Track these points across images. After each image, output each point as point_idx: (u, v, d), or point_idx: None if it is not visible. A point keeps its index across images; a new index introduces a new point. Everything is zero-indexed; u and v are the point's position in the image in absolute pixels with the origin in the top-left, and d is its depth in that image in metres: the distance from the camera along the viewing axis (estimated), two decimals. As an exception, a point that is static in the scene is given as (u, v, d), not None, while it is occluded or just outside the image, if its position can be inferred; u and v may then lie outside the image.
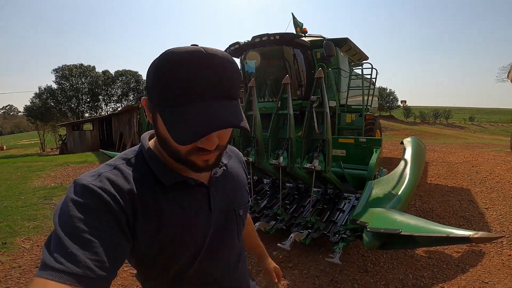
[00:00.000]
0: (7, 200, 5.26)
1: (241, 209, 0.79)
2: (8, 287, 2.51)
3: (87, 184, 0.55)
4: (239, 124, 0.55)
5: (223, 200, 0.74)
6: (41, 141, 25.00)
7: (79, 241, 0.50)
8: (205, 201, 0.70)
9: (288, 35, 5.71)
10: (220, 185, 0.74)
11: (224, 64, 0.54)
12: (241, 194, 0.81)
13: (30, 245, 3.29)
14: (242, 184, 0.82)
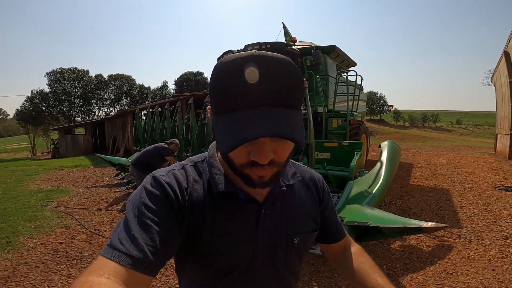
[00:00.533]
0: (6, 203, 5.39)
1: (297, 237, 0.68)
2: (18, 282, 2.66)
3: (158, 177, 0.61)
4: (287, 135, 0.48)
5: (277, 223, 0.67)
6: (32, 145, 24.74)
7: (141, 225, 0.53)
8: (253, 219, 0.65)
9: (278, 44, 6.06)
10: (277, 206, 0.67)
11: (279, 68, 0.49)
12: (303, 221, 0.70)
13: (34, 244, 3.47)
14: (308, 211, 0.72)
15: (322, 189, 0.77)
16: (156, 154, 4.38)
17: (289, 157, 0.57)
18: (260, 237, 0.65)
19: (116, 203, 5.19)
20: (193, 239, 0.61)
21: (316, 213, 0.74)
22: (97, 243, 3.46)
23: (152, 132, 6.08)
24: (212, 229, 0.62)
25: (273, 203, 0.67)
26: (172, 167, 0.66)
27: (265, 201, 0.66)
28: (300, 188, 0.73)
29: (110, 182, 7.09)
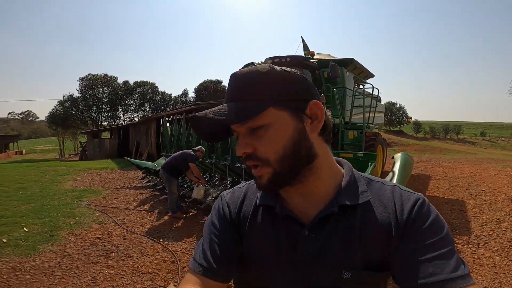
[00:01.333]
0: (44, 200, 5.92)
1: (349, 272, 0.57)
2: (64, 272, 2.95)
3: (221, 195, 0.70)
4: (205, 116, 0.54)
5: (324, 250, 0.58)
6: (61, 147, 26.20)
7: (208, 239, 0.63)
8: (292, 239, 0.60)
9: (297, 57, 6.40)
10: (327, 230, 0.58)
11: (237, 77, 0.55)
12: (363, 253, 0.57)
13: (75, 238, 3.85)
14: (375, 241, 0.57)
15: (410, 214, 0.56)
16: (183, 160, 4.75)
17: (285, 156, 0.54)
18: (300, 261, 0.59)
19: (144, 203, 5.62)
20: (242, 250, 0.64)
21: (390, 245, 0.56)
22: (130, 239, 3.83)
23: (179, 139, 6.52)
24: (247, 241, 0.63)
25: (321, 226, 0.58)
26: (238, 185, 0.72)
27: (311, 222, 0.58)
28: (370, 212, 0.58)
29: (136, 184, 7.59)
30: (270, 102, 0.53)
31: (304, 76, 0.57)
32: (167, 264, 3.10)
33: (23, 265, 2.97)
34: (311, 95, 0.57)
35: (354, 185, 0.60)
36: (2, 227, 4.11)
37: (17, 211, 5.01)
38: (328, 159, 0.60)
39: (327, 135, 0.60)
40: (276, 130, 0.54)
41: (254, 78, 0.54)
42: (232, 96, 0.55)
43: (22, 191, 6.81)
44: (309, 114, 0.56)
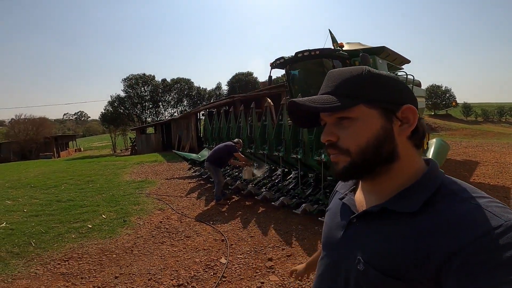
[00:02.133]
0: (112, 190, 6.90)
1: (364, 266, 0.58)
2: (139, 250, 3.56)
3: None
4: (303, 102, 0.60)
5: (359, 239, 0.62)
6: (113, 143, 28.90)
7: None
8: (344, 223, 0.67)
9: (326, 50, 6.55)
10: (371, 224, 0.61)
11: (334, 75, 0.62)
12: (383, 255, 0.57)
13: (143, 222, 4.59)
14: (399, 250, 0.55)
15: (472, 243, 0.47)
16: (226, 152, 5.33)
17: (366, 150, 0.57)
18: (341, 244, 0.66)
19: (193, 191, 6.36)
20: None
21: (413, 264, 0.53)
22: (185, 222, 4.53)
23: (220, 132, 7.15)
24: (327, 216, 0.78)
25: (366, 218, 0.62)
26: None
27: (358, 214, 0.64)
28: (412, 223, 0.55)
29: (184, 174, 8.44)
30: (362, 99, 0.58)
31: (402, 81, 0.62)
32: (217, 242, 3.71)
33: (108, 246, 3.70)
34: (405, 99, 0.60)
35: (416, 192, 0.57)
36: (85, 215, 5.02)
37: (93, 201, 6.00)
38: (410, 164, 0.61)
39: (417, 140, 0.61)
40: (362, 124, 0.58)
41: (350, 76, 0.60)
42: (328, 89, 0.61)
43: (92, 183, 7.96)
44: (400, 117, 0.58)
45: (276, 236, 3.78)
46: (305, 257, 3.21)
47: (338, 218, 0.71)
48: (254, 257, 3.26)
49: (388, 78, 0.60)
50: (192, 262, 3.19)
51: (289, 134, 4.84)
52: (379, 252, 0.58)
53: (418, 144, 0.61)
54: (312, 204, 4.26)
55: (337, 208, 0.73)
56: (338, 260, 0.66)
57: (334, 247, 0.69)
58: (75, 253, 3.54)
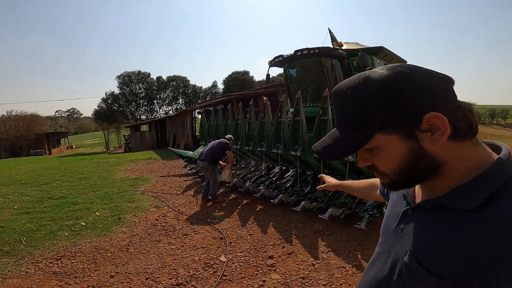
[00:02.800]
0: (106, 188, 6.75)
1: (409, 259, 0.58)
2: (136, 249, 3.45)
3: None
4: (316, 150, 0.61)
5: (411, 230, 0.61)
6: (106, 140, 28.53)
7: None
8: (399, 215, 0.68)
9: (326, 48, 6.53)
10: (423, 216, 0.61)
11: (338, 96, 0.58)
12: (433, 252, 0.55)
13: (138, 220, 4.47)
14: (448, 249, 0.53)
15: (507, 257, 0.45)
16: (221, 149, 5.24)
17: (404, 166, 0.55)
18: (394, 234, 0.66)
19: (189, 189, 6.27)
20: None
21: (459, 264, 0.51)
22: (183, 220, 4.43)
23: (217, 129, 7.07)
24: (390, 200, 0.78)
25: (420, 211, 0.61)
26: None
27: (413, 205, 0.64)
28: (467, 221, 0.52)
29: (179, 172, 8.33)
30: (377, 127, 0.53)
31: (412, 81, 0.52)
32: (216, 240, 3.63)
33: (103, 244, 3.58)
34: (425, 105, 0.51)
35: (476, 188, 0.53)
36: (78, 212, 4.88)
37: (86, 198, 5.85)
38: (462, 162, 0.55)
39: (463, 134, 0.54)
40: (387, 153, 0.55)
41: (356, 97, 0.55)
42: (339, 122, 0.59)
43: (84, 181, 7.79)
44: (426, 129, 0.52)
45: (275, 234, 3.72)
46: (307, 255, 3.15)
47: (396, 207, 0.71)
48: (255, 255, 3.19)
49: (394, 85, 0.52)
50: (191, 261, 3.10)
51: (288, 132, 4.79)
52: (427, 247, 0.56)
53: (468, 134, 0.54)
54: (311, 201, 4.21)
55: (397, 198, 0.73)
56: (389, 249, 0.67)
57: (388, 236, 0.69)
58: (68, 251, 3.42)
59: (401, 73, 0.52)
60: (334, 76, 6.73)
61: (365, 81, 0.54)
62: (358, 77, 0.56)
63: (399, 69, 0.53)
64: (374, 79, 0.53)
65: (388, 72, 0.53)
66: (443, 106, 0.52)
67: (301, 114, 4.58)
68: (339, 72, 6.74)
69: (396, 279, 0.62)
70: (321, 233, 3.66)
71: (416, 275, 0.56)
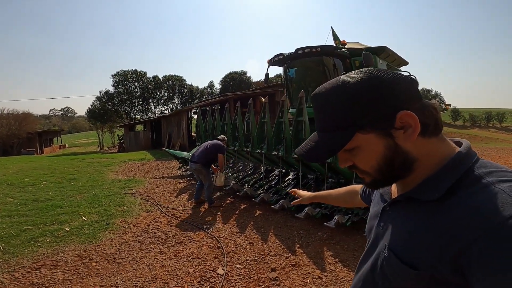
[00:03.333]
0: (95, 190, 6.41)
1: (388, 253, 0.61)
2: (124, 258, 3.14)
3: None
4: (300, 153, 0.64)
5: (388, 226, 0.65)
6: (100, 140, 28.01)
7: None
8: (379, 213, 0.71)
9: (328, 47, 6.29)
10: (399, 211, 0.64)
11: (317, 100, 0.61)
12: (409, 244, 0.57)
13: (128, 225, 4.14)
14: (421, 240, 0.55)
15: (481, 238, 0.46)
16: (215, 151, 4.93)
17: (382, 163, 0.58)
18: (376, 231, 0.69)
19: (184, 192, 5.96)
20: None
21: (431, 254, 0.52)
22: (176, 226, 4.12)
23: (213, 129, 6.77)
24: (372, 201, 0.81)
25: (396, 207, 0.65)
26: None
27: (391, 200, 0.67)
28: (433, 212, 0.55)
29: (174, 173, 8.01)
30: (355, 127, 0.56)
31: (384, 83, 0.55)
32: (213, 249, 3.33)
33: (87, 253, 3.26)
34: (397, 105, 0.55)
35: (440, 179, 0.56)
36: (63, 216, 4.54)
37: (73, 200, 5.52)
38: (431, 156, 0.59)
39: (431, 132, 0.58)
40: (366, 151, 0.58)
41: (334, 100, 0.57)
42: (319, 126, 0.62)
43: (73, 182, 7.44)
44: (399, 126, 0.55)
45: (277, 243, 3.44)
46: (313, 267, 2.88)
47: (376, 207, 0.74)
48: (255, 267, 2.90)
49: (370, 87, 0.56)
50: (185, 273, 2.79)
51: (290, 133, 4.53)
52: (401, 239, 0.59)
53: (435, 130, 0.58)
54: (314, 207, 3.94)
55: (377, 197, 0.76)
56: (372, 248, 0.70)
57: (372, 235, 0.72)
58: (49, 260, 3.09)
59: (374, 76, 0.56)
60: (335, 76, 6.48)
61: (343, 85, 0.57)
62: (336, 81, 0.59)
63: (371, 72, 0.56)
64: (351, 83, 0.56)
65: (363, 75, 0.56)
66: (412, 105, 0.56)
67: (304, 114, 4.31)
68: (341, 72, 6.50)
69: (378, 274, 0.64)
70: (326, 242, 3.39)
71: (395, 268, 0.59)
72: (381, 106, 0.55)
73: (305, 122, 4.27)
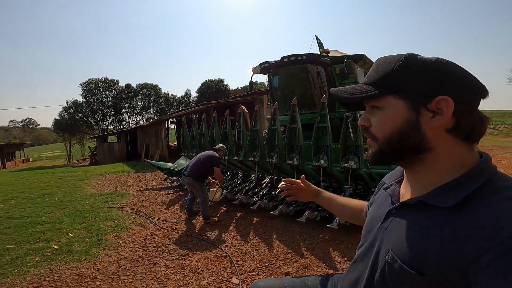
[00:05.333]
0: (75, 205, 6.00)
1: (391, 257, 0.59)
2: (129, 275, 2.94)
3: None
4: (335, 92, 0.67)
5: (395, 230, 0.62)
6: (68, 153, 26.39)
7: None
8: (383, 215, 0.68)
9: (313, 55, 6.53)
10: (407, 216, 0.62)
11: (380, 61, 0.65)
12: (414, 249, 0.56)
13: (123, 240, 3.92)
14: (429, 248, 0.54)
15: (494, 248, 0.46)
16: (209, 164, 4.57)
17: (394, 132, 0.59)
18: (377, 234, 0.67)
19: (174, 203, 5.79)
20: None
21: (441, 260, 0.52)
22: (175, 238, 3.97)
23: (201, 138, 6.67)
24: (373, 203, 0.80)
25: (404, 210, 0.63)
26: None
27: (399, 203, 0.65)
28: (446, 220, 0.54)
29: (158, 185, 7.76)
30: (392, 89, 0.59)
31: (445, 70, 0.57)
32: (220, 259, 3.26)
33: (86, 271, 3.02)
34: (446, 90, 0.56)
35: (457, 187, 0.55)
36: (46, 233, 4.21)
37: (53, 217, 5.14)
38: (449, 157, 0.59)
39: (463, 133, 0.57)
40: (387, 115, 0.60)
41: (390, 64, 0.60)
42: (368, 77, 0.65)
43: (48, 197, 6.95)
44: (432, 109, 0.56)
45: (283, 248, 3.45)
46: (324, 267, 2.94)
47: (380, 209, 0.72)
48: (268, 273, 2.88)
49: (431, 66, 0.57)
50: (199, 286, 2.70)
51: (283, 140, 4.60)
52: (409, 244, 0.57)
53: (469, 137, 0.58)
54: (313, 211, 4.02)
55: (381, 199, 0.75)
56: (370, 249, 0.68)
57: (370, 236, 0.70)
58: (45, 280, 2.85)
59: (442, 61, 0.58)
60: (319, 83, 6.74)
61: (413, 56, 0.59)
62: (400, 56, 0.61)
63: (443, 60, 0.58)
64: (415, 60, 0.59)
65: (435, 59, 0.59)
66: (460, 102, 0.56)
67: (297, 121, 4.42)
68: (324, 79, 6.76)
69: (378, 279, 0.63)
70: (330, 243, 3.47)
71: (399, 273, 0.57)
72: (430, 83, 0.57)
73: (298, 129, 4.37)
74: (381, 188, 0.80)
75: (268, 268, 2.99)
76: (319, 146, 4.22)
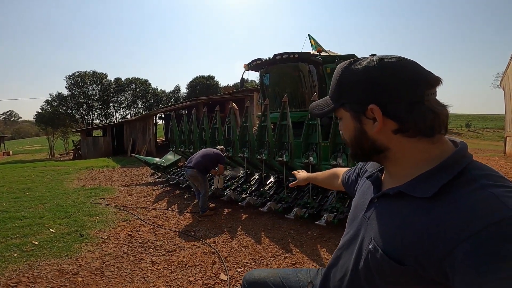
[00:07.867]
0: (57, 200, 5.80)
1: (373, 246, 0.61)
2: (113, 271, 2.86)
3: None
4: (310, 110, 0.76)
5: (377, 219, 0.63)
6: (50, 146, 25.55)
7: (353, 170, 1.02)
8: (368, 201, 0.70)
9: (305, 54, 6.55)
10: (388, 205, 0.63)
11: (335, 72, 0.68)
12: (394, 238, 0.57)
13: (107, 236, 3.81)
14: (408, 238, 0.55)
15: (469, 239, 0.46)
16: (215, 160, 4.68)
17: (352, 139, 0.67)
18: (361, 222, 0.70)
19: (161, 199, 5.68)
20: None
21: (419, 250, 0.52)
22: (161, 234, 3.89)
23: (190, 134, 6.57)
24: (357, 190, 0.84)
25: (385, 200, 0.65)
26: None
27: (381, 192, 0.67)
28: (425, 208, 0.54)
29: (145, 180, 7.61)
30: (340, 102, 0.66)
31: (371, 77, 0.59)
32: (208, 255, 3.21)
33: (68, 267, 2.92)
34: (373, 98, 0.59)
35: (434, 177, 0.56)
36: (26, 228, 4.06)
37: (34, 211, 4.96)
38: (412, 152, 0.60)
39: (416, 131, 0.58)
40: (344, 124, 0.68)
41: (337, 77, 0.66)
42: (330, 87, 0.70)
43: (28, 191, 6.71)
44: (370, 116, 0.61)
45: (271, 244, 3.44)
46: (312, 264, 2.94)
47: (364, 197, 0.75)
48: (256, 270, 2.85)
49: (359, 77, 0.61)
50: (187, 282, 2.65)
51: (273, 136, 4.58)
52: (389, 234, 0.59)
53: (425, 132, 0.58)
54: (301, 208, 4.03)
55: (365, 188, 0.77)
56: (355, 238, 0.70)
57: (355, 225, 0.72)
58: (24, 276, 2.72)
59: (370, 67, 0.60)
60: (310, 82, 6.76)
61: (346, 68, 0.64)
62: (339, 68, 0.66)
63: (373, 64, 0.60)
64: (347, 70, 0.64)
65: (365, 65, 0.61)
66: (394, 102, 0.58)
67: (287, 118, 4.41)
68: (315, 78, 6.78)
69: (362, 268, 0.65)
70: (318, 240, 3.47)
71: (381, 263, 0.59)
72: (360, 94, 0.61)
73: (288, 126, 4.36)
74: (364, 176, 0.83)
75: (256, 264, 2.96)
76: (309, 143, 4.23)
